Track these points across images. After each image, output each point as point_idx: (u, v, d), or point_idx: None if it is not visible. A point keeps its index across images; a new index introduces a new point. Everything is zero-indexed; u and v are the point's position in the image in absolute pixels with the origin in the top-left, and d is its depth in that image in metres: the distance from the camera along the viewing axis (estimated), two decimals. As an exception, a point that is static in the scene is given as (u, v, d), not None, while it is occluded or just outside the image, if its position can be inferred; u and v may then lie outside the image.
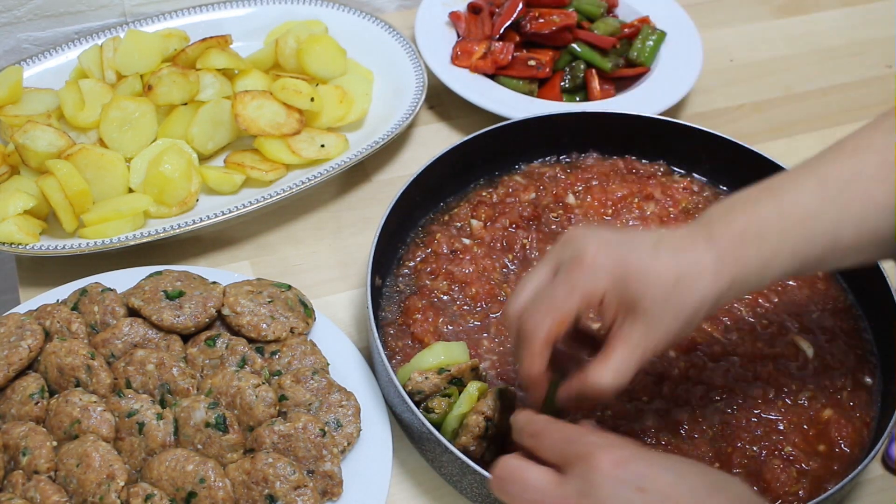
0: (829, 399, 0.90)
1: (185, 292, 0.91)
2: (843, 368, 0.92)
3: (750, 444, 0.86)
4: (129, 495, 0.78)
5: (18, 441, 0.81)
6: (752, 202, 0.74)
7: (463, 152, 1.06)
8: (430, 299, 0.97)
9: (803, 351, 0.94)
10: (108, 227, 1.01)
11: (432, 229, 1.05)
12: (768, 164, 1.05)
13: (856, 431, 0.87)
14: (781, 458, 0.85)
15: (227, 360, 0.88)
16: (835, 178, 0.74)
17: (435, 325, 0.94)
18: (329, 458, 0.82)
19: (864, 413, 0.90)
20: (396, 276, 1.01)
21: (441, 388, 0.85)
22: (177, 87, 1.11)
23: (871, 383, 0.92)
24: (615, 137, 1.13)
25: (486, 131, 1.08)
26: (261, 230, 1.10)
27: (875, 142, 0.75)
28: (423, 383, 0.84)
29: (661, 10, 1.34)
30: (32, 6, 1.24)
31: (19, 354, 0.86)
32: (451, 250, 1.01)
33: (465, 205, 1.08)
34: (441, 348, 0.88)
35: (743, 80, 1.35)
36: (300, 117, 1.13)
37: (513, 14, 1.27)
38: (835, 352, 0.94)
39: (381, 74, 1.24)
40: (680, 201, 1.08)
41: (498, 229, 1.04)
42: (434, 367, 0.85)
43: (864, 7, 1.50)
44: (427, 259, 1.01)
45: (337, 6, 1.29)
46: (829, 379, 0.91)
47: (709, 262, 0.71)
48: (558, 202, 1.07)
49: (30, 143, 1.04)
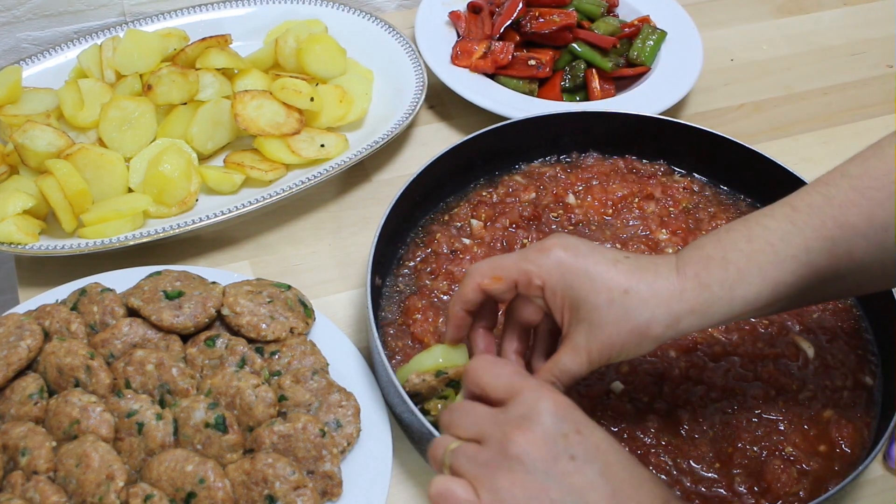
0: (829, 399, 0.90)
1: (185, 292, 0.91)
2: (844, 368, 0.92)
3: (751, 444, 0.86)
4: (128, 496, 0.77)
5: (17, 441, 0.81)
6: (724, 230, 0.75)
7: (463, 152, 1.06)
8: (430, 299, 0.96)
9: (804, 351, 0.94)
10: (107, 227, 1.01)
11: (432, 229, 1.05)
12: (768, 163, 1.05)
13: (856, 431, 0.87)
14: (782, 459, 0.85)
15: (226, 361, 0.88)
16: (806, 204, 0.73)
17: (435, 326, 0.94)
18: (329, 459, 0.82)
19: (865, 413, 0.89)
20: (396, 275, 1.00)
21: (438, 391, 0.85)
22: (176, 87, 1.11)
23: (871, 384, 0.92)
24: (616, 137, 1.13)
25: (486, 131, 1.07)
26: (261, 230, 1.10)
27: (848, 170, 0.74)
28: (420, 385, 0.84)
29: (661, 10, 1.34)
30: (31, 6, 1.23)
31: (18, 354, 0.86)
32: (451, 250, 1.01)
33: (466, 205, 1.07)
34: (440, 351, 0.87)
35: (743, 80, 1.35)
36: (300, 117, 1.13)
37: (513, 14, 1.27)
38: (835, 352, 0.94)
39: (381, 74, 1.24)
40: (680, 201, 1.08)
41: (498, 229, 1.04)
42: (432, 370, 0.85)
43: (864, 7, 1.50)
44: (427, 259, 1.01)
45: (337, 6, 1.29)
46: (829, 379, 0.91)
47: (667, 283, 0.72)
48: (558, 202, 1.07)
49: (29, 142, 1.04)
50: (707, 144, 1.10)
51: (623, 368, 0.91)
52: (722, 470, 0.85)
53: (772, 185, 0.99)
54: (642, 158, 1.13)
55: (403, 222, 1.03)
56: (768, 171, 1.06)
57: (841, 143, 1.26)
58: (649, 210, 1.07)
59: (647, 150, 1.14)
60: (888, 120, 1.30)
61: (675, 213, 1.07)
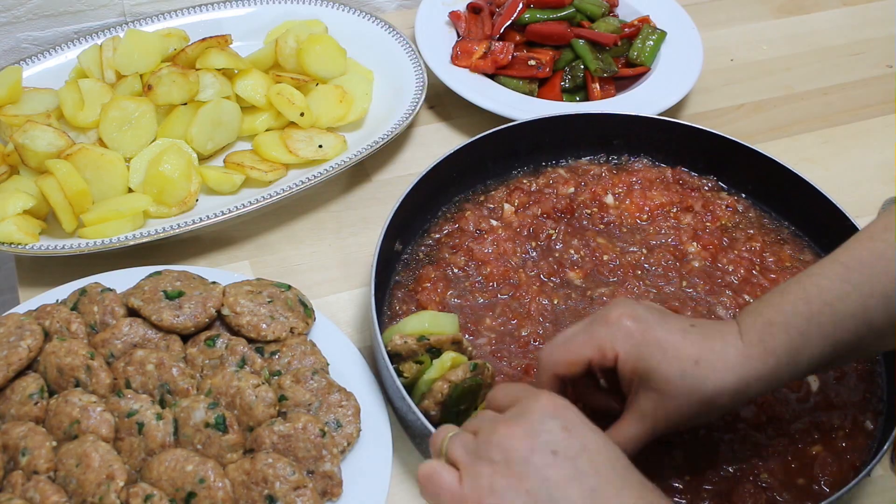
0: (822, 436, 0.87)
1: (185, 292, 0.91)
2: (846, 409, 0.89)
3: (727, 463, 0.84)
4: (128, 495, 0.77)
5: (18, 441, 0.81)
6: (779, 293, 0.76)
7: (507, 138, 1.06)
8: (443, 271, 0.99)
9: (807, 383, 0.90)
10: (107, 227, 1.01)
11: (465, 206, 1.07)
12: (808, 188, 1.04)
13: (842, 473, 0.84)
14: (755, 484, 0.83)
15: (226, 361, 0.88)
16: (857, 261, 0.75)
17: (442, 297, 0.96)
18: (329, 459, 0.82)
19: (856, 457, 0.85)
20: (419, 244, 1.03)
21: (417, 355, 0.86)
22: (177, 87, 1.11)
23: (871, 428, 0.88)
24: (668, 146, 1.12)
25: (537, 119, 1.08)
26: (261, 230, 1.10)
27: (891, 223, 0.76)
28: (401, 346, 0.86)
29: (661, 10, 1.34)
30: (32, 6, 1.23)
31: (19, 355, 0.86)
32: (477, 229, 1.03)
33: (503, 188, 1.09)
34: (428, 316, 0.89)
35: (743, 80, 1.35)
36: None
37: (513, 14, 1.27)
38: (841, 390, 0.90)
39: (381, 74, 1.24)
40: (720, 217, 1.07)
41: (528, 216, 1.04)
42: (416, 333, 0.87)
43: (864, 7, 1.50)
44: (452, 234, 1.03)
45: (337, 6, 1.29)
46: (827, 416, 0.88)
47: (735, 352, 0.73)
48: (595, 200, 1.07)
49: (29, 142, 1.04)
50: (760, 165, 1.07)
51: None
52: (691, 483, 0.83)
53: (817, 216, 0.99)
54: (692, 171, 1.12)
55: (436, 195, 1.05)
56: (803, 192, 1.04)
57: (841, 143, 1.26)
58: (684, 221, 1.06)
59: (698, 164, 1.12)
60: (888, 120, 1.30)
61: (711, 228, 1.05)
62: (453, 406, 0.84)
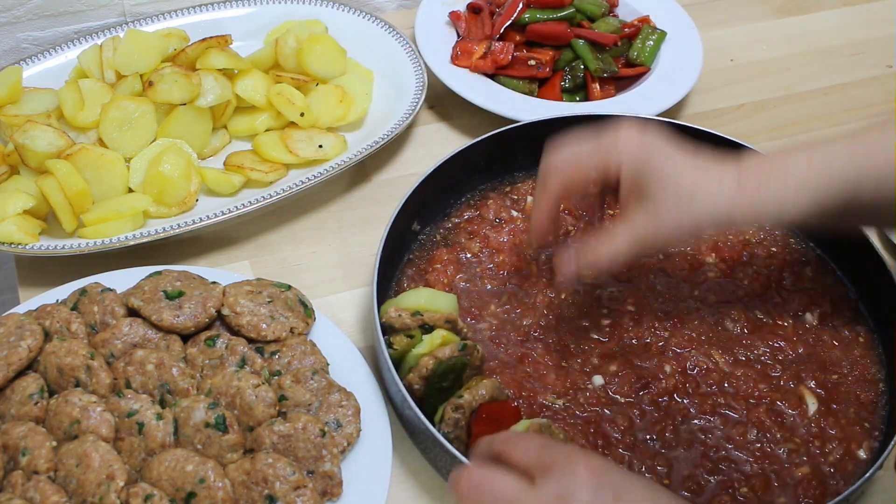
0: (811, 460, 0.86)
1: (185, 292, 0.91)
2: (841, 438, 0.87)
3: (708, 472, 0.84)
4: (128, 495, 0.77)
5: (18, 441, 0.81)
6: (785, 152, 0.82)
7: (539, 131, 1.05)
8: (457, 255, 1.00)
9: (806, 405, 0.90)
10: (107, 227, 1.01)
11: (489, 195, 1.08)
12: None
13: (824, 498, 0.82)
14: (732, 497, 0.82)
15: (226, 361, 0.88)
16: (862, 141, 0.80)
17: (451, 279, 0.97)
18: (329, 459, 0.82)
19: (843, 486, 0.84)
20: (438, 227, 1.05)
21: (410, 329, 0.87)
22: (177, 87, 1.10)
23: (864, 458, 0.86)
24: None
25: (566, 117, 1.09)
26: (261, 230, 1.10)
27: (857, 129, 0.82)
28: (395, 319, 0.87)
29: (661, 10, 1.34)
30: (32, 6, 1.23)
31: (19, 355, 0.86)
32: (497, 217, 1.04)
33: (531, 182, 1.09)
34: (426, 293, 0.90)
35: (743, 80, 1.35)
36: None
37: (513, 14, 1.27)
38: (840, 418, 0.89)
39: (381, 74, 1.24)
40: (744, 232, 1.04)
41: None
42: (411, 309, 0.88)
43: (864, 7, 1.50)
44: (472, 220, 1.05)
45: (337, 6, 1.29)
46: (820, 442, 0.87)
47: (729, 192, 0.79)
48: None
49: (29, 142, 1.04)
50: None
51: (610, 368, 0.90)
52: (668, 487, 0.82)
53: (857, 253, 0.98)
54: None
55: (461, 180, 1.06)
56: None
57: (841, 143, 1.26)
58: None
59: None
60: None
61: (733, 241, 1.03)
62: (437, 382, 0.84)
